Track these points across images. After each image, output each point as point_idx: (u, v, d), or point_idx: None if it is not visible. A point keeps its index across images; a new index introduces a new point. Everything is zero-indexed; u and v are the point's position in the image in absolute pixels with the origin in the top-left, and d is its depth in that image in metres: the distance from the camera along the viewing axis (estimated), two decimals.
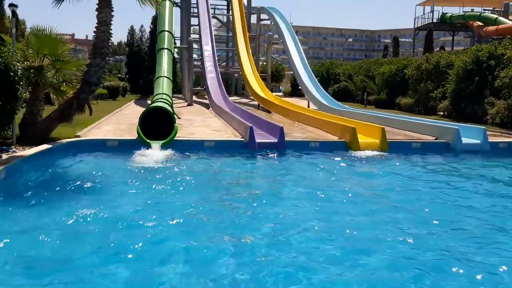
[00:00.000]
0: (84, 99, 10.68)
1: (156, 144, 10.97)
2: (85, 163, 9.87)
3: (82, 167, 9.57)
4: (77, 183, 8.05)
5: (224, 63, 47.02)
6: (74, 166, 9.60)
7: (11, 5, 9.95)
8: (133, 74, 41.57)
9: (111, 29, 10.56)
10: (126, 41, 48.79)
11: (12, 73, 9.14)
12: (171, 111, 11.97)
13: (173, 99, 31.02)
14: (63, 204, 6.80)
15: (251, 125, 12.04)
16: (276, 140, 11.96)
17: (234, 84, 42.91)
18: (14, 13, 10.13)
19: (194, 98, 30.92)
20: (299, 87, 28.86)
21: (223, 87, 24.92)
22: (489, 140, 12.72)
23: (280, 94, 52.04)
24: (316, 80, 26.98)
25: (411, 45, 53.96)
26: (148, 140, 11.01)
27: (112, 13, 10.51)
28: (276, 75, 49.99)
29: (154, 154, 10.54)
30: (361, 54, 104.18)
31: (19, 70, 9.36)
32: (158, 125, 12.11)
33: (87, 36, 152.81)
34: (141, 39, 45.01)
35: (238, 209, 7.08)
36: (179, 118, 17.52)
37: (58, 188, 7.61)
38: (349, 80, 34.36)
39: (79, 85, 10.84)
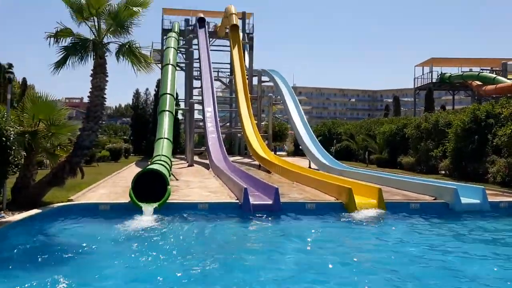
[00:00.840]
0: (76, 163, 10.69)
1: (148, 208, 10.82)
2: (74, 229, 9.67)
3: (70, 234, 9.36)
4: (63, 251, 7.85)
5: (228, 123, 47.70)
6: (61, 232, 9.42)
7: (7, 72, 10.20)
8: (137, 135, 41.96)
9: (105, 94, 10.75)
10: (131, 104, 49.74)
11: (4, 138, 9.20)
12: (164, 173, 11.88)
13: (175, 159, 31.27)
14: (43, 274, 6.54)
15: (245, 186, 11.91)
16: (271, 202, 11.79)
17: (237, 144, 43.20)
18: (10, 80, 10.35)
19: (197, 158, 31.06)
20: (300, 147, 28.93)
21: (224, 148, 25.04)
22: (489, 200, 12.48)
23: (284, 153, 52.26)
24: (316, 139, 27.07)
25: (413, 104, 54.66)
26: (140, 204, 10.87)
27: (107, 78, 10.76)
28: (279, 134, 50.49)
29: (145, 219, 10.36)
30: (364, 114, 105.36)
31: (12, 135, 9.41)
32: (153, 187, 12.03)
33: None
34: (146, 101, 45.90)
35: (229, 276, 6.80)
36: (177, 179, 17.48)
37: (41, 257, 7.39)
38: (350, 140, 34.50)
39: (72, 148, 10.87)
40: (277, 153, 56.28)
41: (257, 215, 11.21)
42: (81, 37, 10.60)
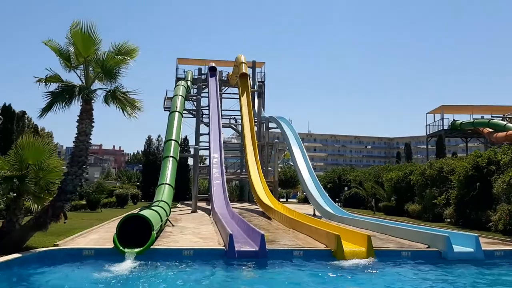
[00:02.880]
0: (59, 207, 10.77)
1: (131, 254, 10.74)
2: (51, 274, 9.59)
3: (46, 280, 9.27)
4: None
5: (239, 170, 47.77)
6: (37, 277, 9.37)
7: None
8: (147, 181, 42.22)
9: (90, 139, 10.96)
10: (143, 151, 50.37)
11: None
12: (149, 218, 11.84)
13: (182, 206, 31.23)
14: None
15: (231, 232, 11.79)
16: (257, 249, 11.61)
17: (247, 190, 43.07)
18: None
19: (204, 205, 31.04)
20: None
21: (227, 194, 24.98)
22: (484, 248, 12.09)
23: (295, 200, 51.76)
24: (321, 186, 26.86)
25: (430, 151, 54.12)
26: (123, 249, 10.82)
27: (93, 124, 11.00)
28: (291, 181, 50.22)
29: (126, 265, 10.26)
30: (380, 161, 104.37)
31: None
32: (143, 232, 11.95)
33: (113, 146, 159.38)
34: (158, 148, 46.50)
35: None
36: (173, 225, 17.41)
37: None
38: (359, 187, 34.11)
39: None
40: (289, 200, 56.02)
41: (242, 262, 11.01)
42: (68, 84, 10.94)
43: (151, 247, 11.45)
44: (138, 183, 48.09)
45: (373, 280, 10.01)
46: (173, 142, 26.26)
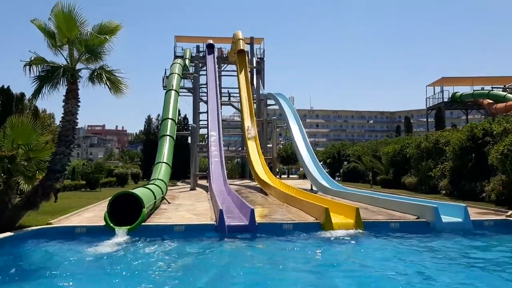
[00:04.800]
0: (49, 186, 10.91)
1: (121, 230, 10.91)
2: (41, 252, 9.77)
3: (37, 257, 9.48)
4: (24, 272, 7.98)
5: (240, 148, 47.85)
6: (30, 255, 9.54)
7: None
8: (148, 161, 42.40)
9: (77, 119, 11.04)
10: (142, 130, 50.48)
11: None
12: (140, 196, 11.95)
13: (182, 184, 31.46)
14: None
15: (221, 207, 11.94)
16: (246, 223, 11.76)
17: (248, 168, 43.20)
18: None
19: (204, 182, 31.24)
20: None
21: (225, 171, 25.09)
22: (474, 218, 12.21)
23: (296, 176, 52.02)
24: (318, 162, 26.93)
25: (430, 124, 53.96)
26: (113, 226, 10.98)
27: (79, 104, 11.05)
28: (292, 157, 50.33)
29: (117, 241, 10.43)
30: (382, 135, 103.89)
31: None
32: (136, 210, 12.08)
33: (116, 126, 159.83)
34: (157, 127, 46.54)
35: None
36: (168, 203, 17.61)
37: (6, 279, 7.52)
38: (358, 161, 34.22)
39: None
40: (290, 176, 56.26)
41: (232, 236, 11.16)
42: (52, 64, 10.96)
43: (143, 224, 11.61)
44: (140, 163, 48.39)
45: (359, 250, 10.17)
46: (169, 120, 26.31)
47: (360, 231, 11.51)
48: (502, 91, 41.47)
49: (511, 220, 12.38)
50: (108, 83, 11.14)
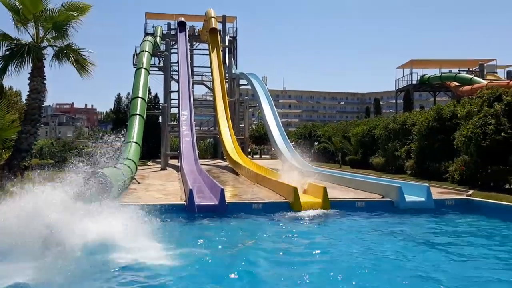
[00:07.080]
0: (14, 166, 10.75)
1: None
2: None
3: None
4: None
5: (213, 128, 47.68)
6: None
7: None
8: None
9: (43, 97, 10.85)
10: (112, 109, 49.68)
11: None
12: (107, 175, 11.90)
13: (153, 164, 31.29)
14: None
15: (191, 187, 12.00)
16: (216, 203, 11.88)
17: (220, 148, 43.15)
18: None
19: (175, 162, 31.13)
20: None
21: (196, 151, 25.05)
22: (436, 198, 12.66)
23: (268, 157, 52.29)
24: (290, 143, 27.22)
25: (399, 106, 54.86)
26: None
27: (45, 82, 10.86)
28: (265, 137, 50.48)
29: None
30: (352, 116, 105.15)
31: None
32: None
33: (86, 105, 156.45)
34: (127, 106, 45.85)
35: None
36: (138, 183, 17.57)
37: None
38: (328, 142, 34.66)
39: None
40: (263, 156, 56.52)
41: (202, 215, 11.27)
42: (17, 42, 10.69)
43: None
44: None
45: (324, 228, 10.47)
46: (139, 99, 26.01)
47: (326, 211, 11.79)
48: (467, 73, 42.36)
49: (471, 200, 12.87)
50: (74, 64, 10.95)
